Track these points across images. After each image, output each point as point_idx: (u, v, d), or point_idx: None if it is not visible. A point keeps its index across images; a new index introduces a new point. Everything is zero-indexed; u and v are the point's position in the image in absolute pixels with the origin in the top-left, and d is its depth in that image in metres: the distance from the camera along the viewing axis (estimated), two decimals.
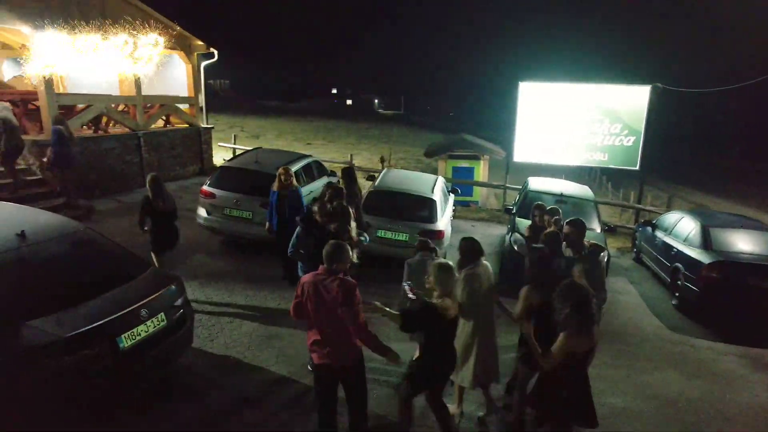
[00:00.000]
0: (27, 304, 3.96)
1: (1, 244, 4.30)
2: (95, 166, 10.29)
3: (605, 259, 7.82)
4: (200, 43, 12.87)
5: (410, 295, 4.62)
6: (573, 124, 11.87)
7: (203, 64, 13.41)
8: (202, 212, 8.51)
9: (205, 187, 8.51)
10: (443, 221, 8.37)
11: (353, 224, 5.18)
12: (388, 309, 3.83)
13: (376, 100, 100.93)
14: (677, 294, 8.00)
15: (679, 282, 7.92)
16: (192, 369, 5.18)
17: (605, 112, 11.67)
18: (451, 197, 10.52)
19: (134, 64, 10.72)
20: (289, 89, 76.94)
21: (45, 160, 8.71)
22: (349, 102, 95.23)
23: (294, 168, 9.18)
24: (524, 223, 8.65)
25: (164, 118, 12.95)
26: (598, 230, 8.56)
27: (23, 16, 8.82)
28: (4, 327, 3.76)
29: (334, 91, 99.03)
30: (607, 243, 8.72)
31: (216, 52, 13.30)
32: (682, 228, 8.57)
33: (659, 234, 9.17)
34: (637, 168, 11.75)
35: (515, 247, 8.03)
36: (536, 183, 9.92)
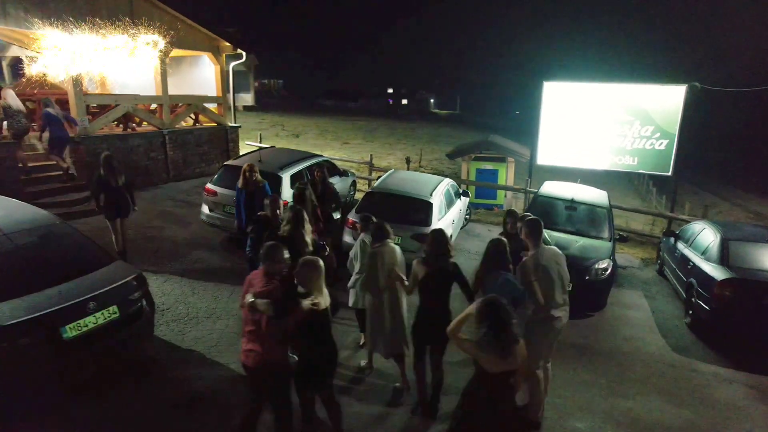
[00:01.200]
0: None
1: None
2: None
3: (608, 271, 7.34)
4: (227, 44, 13.26)
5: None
6: (600, 125, 11.19)
7: (232, 64, 13.81)
8: (204, 209, 8.77)
9: (209, 185, 8.76)
10: (439, 225, 8.14)
11: (308, 227, 5.11)
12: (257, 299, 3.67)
13: (432, 100, 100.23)
14: (690, 312, 7.36)
15: (693, 299, 7.28)
16: (152, 361, 5.33)
17: (636, 114, 10.91)
18: (463, 200, 10.25)
19: (160, 65, 11.21)
20: (345, 89, 78.02)
21: (42, 144, 9.46)
22: (404, 101, 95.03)
23: (298, 168, 9.32)
24: None
25: (193, 116, 13.47)
26: (607, 238, 8.01)
27: (55, 21, 9.43)
28: None
29: (390, 90, 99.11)
30: (616, 252, 8.18)
31: (244, 54, 13.67)
32: (701, 240, 7.88)
33: (680, 245, 8.47)
34: (670, 173, 10.90)
35: None
36: (548, 187, 9.44)
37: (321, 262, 3.81)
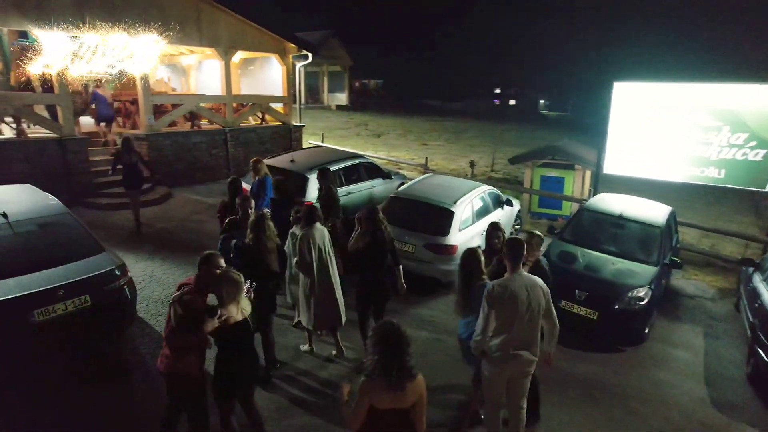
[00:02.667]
0: None
1: None
2: (182, 157, 11.68)
3: (644, 300, 6.29)
4: (293, 45, 13.65)
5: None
6: (679, 132, 9.66)
7: (299, 65, 14.20)
8: None
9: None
10: (460, 236, 7.60)
11: (271, 234, 4.95)
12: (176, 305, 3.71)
13: (542, 101, 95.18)
14: (751, 360, 6.07)
15: (755, 345, 5.99)
16: (132, 350, 5.57)
17: (725, 118, 9.26)
18: (506, 210, 9.46)
19: (224, 67, 11.83)
20: (449, 89, 76.76)
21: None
22: (512, 102, 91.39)
23: (332, 168, 9.26)
24: (562, 247, 7.39)
25: (260, 115, 14.09)
26: (654, 263, 6.86)
27: (128, 30, 10.38)
28: None
29: (498, 90, 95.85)
30: (680, 278, 7.01)
31: (310, 55, 13.99)
32: None
33: (756, 277, 7.04)
34: (767, 189, 9.12)
35: None
36: (599, 200, 8.41)
37: (241, 277, 3.74)
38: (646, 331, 6.65)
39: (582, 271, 6.76)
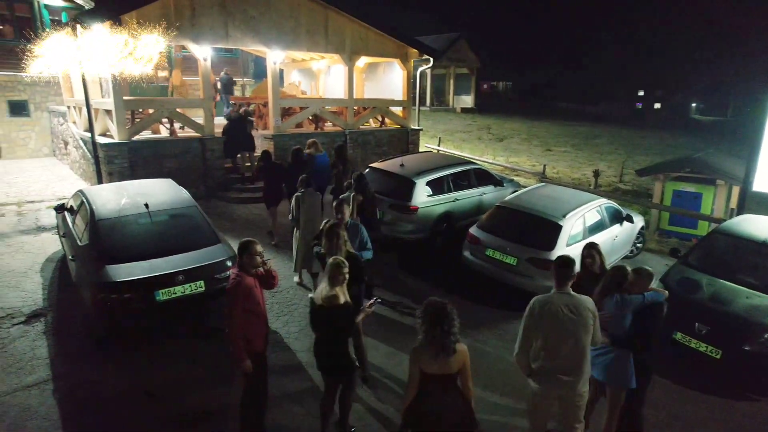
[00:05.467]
0: (117, 253, 5.56)
1: (131, 209, 6.12)
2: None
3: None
4: (414, 50, 13.87)
5: None
6: None
7: (419, 69, 14.39)
8: None
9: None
10: (570, 252, 7.10)
11: (341, 243, 4.93)
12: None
13: (694, 104, 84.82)
14: None
15: None
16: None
17: None
18: (626, 227, 8.64)
19: (348, 72, 12.43)
20: (586, 91, 71.95)
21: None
22: (657, 105, 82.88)
23: (438, 174, 9.28)
24: (685, 273, 6.53)
25: (380, 118, 14.55)
26: None
27: (264, 41, 11.42)
28: (96, 265, 5.41)
29: (641, 93, 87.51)
30: None
31: (431, 59, 14.10)
32: None
33: None
34: None
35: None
36: (739, 222, 7.28)
37: (340, 262, 3.99)
38: None
39: (706, 301, 5.95)
